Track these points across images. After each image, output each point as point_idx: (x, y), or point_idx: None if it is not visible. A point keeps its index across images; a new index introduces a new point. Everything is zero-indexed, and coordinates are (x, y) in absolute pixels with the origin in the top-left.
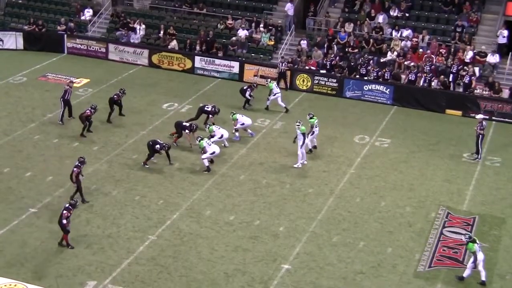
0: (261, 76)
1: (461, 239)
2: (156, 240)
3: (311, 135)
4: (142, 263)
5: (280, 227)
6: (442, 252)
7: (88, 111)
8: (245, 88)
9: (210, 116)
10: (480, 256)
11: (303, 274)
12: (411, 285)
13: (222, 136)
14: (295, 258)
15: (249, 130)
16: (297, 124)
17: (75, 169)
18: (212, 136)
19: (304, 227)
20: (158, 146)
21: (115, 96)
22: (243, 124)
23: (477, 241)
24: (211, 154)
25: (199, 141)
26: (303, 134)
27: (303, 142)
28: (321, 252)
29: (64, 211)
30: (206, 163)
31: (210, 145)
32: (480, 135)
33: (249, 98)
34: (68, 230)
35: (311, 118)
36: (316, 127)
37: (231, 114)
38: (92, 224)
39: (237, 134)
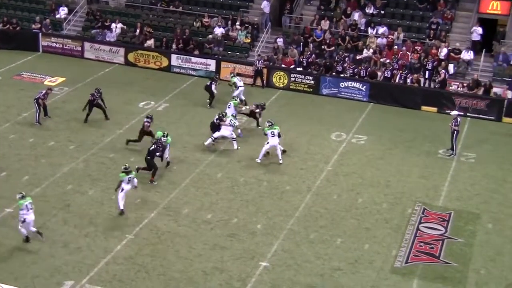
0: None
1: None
2: (133, 239)
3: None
4: (120, 262)
5: (257, 224)
6: (418, 248)
7: (146, 123)
8: (208, 84)
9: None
10: (127, 186)
11: (281, 271)
12: (388, 281)
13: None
14: (273, 255)
15: (239, 130)
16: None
17: None
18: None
19: (281, 224)
20: (158, 154)
21: (90, 97)
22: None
23: (131, 174)
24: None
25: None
26: (265, 134)
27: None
28: (298, 249)
29: None
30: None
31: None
32: (455, 131)
33: (215, 92)
34: None
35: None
36: (272, 135)
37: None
38: (69, 223)
39: (239, 130)
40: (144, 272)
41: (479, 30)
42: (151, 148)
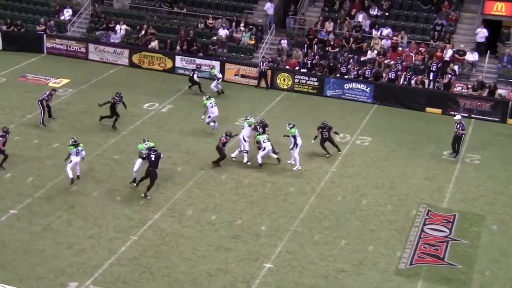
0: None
1: None
2: (137, 240)
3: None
4: (124, 264)
5: (262, 226)
6: (423, 250)
7: (223, 138)
8: (191, 75)
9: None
10: (75, 158)
11: (285, 273)
12: (392, 283)
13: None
14: (277, 257)
15: (211, 123)
16: (288, 126)
17: (0, 138)
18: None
19: (286, 226)
20: (161, 157)
21: (110, 99)
22: (212, 113)
23: (80, 146)
24: (263, 151)
25: (257, 135)
26: (293, 136)
27: (293, 144)
28: (303, 251)
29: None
30: (260, 160)
31: (265, 141)
32: (462, 136)
33: (198, 81)
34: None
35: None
36: (264, 141)
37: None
38: (74, 225)
39: (212, 123)
40: (148, 273)
41: (484, 31)
42: (152, 159)
